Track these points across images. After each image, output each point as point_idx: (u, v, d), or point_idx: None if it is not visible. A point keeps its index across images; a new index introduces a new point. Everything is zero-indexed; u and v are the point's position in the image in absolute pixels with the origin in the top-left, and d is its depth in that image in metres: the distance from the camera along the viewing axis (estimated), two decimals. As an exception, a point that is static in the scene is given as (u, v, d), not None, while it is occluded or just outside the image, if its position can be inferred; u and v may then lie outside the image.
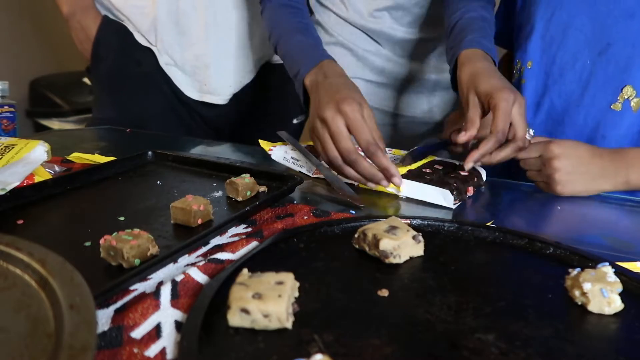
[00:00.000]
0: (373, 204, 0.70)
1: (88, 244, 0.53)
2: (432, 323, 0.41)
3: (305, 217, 0.62)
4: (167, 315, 0.42)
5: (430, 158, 0.84)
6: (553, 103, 0.87)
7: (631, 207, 0.74)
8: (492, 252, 0.55)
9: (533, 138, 0.77)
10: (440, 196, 0.69)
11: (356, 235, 0.53)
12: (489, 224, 0.61)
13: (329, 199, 0.72)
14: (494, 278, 0.50)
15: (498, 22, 0.92)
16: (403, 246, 0.50)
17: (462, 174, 0.77)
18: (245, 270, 0.43)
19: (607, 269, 0.46)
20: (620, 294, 0.44)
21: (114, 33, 1.15)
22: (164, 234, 0.56)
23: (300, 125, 1.38)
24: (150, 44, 1.14)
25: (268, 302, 0.38)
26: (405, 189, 0.72)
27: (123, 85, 1.17)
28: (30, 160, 0.74)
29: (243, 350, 0.37)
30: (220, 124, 1.25)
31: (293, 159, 0.82)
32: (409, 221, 0.59)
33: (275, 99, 1.29)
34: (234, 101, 1.21)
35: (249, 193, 0.66)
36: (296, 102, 1.33)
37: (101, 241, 0.49)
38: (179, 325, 0.41)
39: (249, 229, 0.59)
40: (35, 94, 2.62)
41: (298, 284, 0.44)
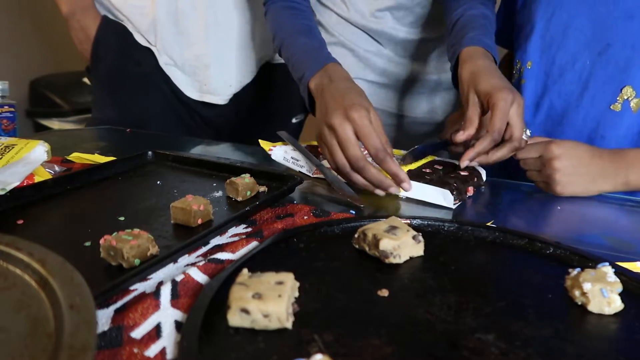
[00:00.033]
0: (373, 204, 0.70)
1: (88, 244, 0.53)
2: (432, 323, 0.41)
3: (305, 217, 0.62)
4: (167, 315, 0.42)
5: (430, 158, 0.84)
6: (552, 103, 0.87)
7: (631, 207, 0.74)
8: (492, 252, 0.55)
9: (532, 138, 0.77)
10: (440, 196, 0.69)
11: (356, 235, 0.53)
12: (489, 224, 0.61)
13: (329, 199, 0.72)
14: (494, 278, 0.50)
15: (498, 22, 0.92)
16: (403, 246, 0.50)
17: (462, 174, 0.77)
18: (245, 270, 0.43)
19: (607, 269, 0.46)
20: (620, 294, 0.44)
21: (114, 33, 1.15)
22: (164, 234, 0.56)
23: (300, 124, 1.37)
24: (150, 44, 1.14)
25: (268, 302, 0.38)
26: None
27: (122, 85, 1.17)
28: (30, 160, 0.74)
29: (243, 350, 0.37)
30: (219, 124, 1.25)
31: (293, 159, 0.82)
32: (409, 221, 0.59)
33: (274, 98, 1.29)
34: (234, 101, 1.21)
35: (249, 193, 0.66)
36: (295, 102, 1.34)
37: (101, 241, 0.49)
38: (179, 325, 0.41)
39: (249, 229, 0.59)
40: (35, 94, 2.62)
41: (298, 284, 0.44)
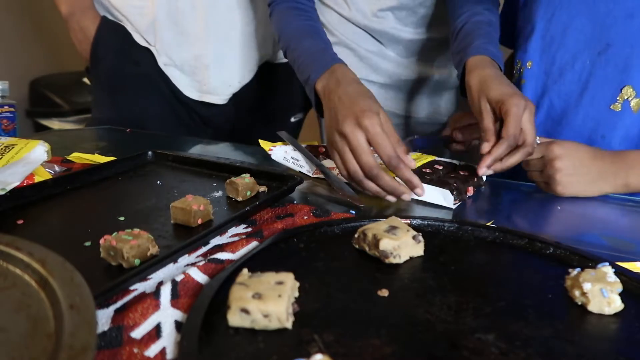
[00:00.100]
0: (373, 204, 0.70)
1: (88, 244, 0.53)
2: (432, 323, 0.41)
3: (305, 217, 0.62)
4: (167, 315, 0.42)
5: (430, 158, 0.84)
6: (552, 103, 0.87)
7: (631, 207, 0.74)
8: (492, 252, 0.55)
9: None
10: (440, 196, 0.69)
11: (356, 235, 0.53)
12: (489, 224, 0.61)
13: (329, 199, 0.72)
14: (494, 278, 0.50)
15: (502, 22, 0.92)
16: (403, 246, 0.50)
17: (462, 173, 0.77)
18: (245, 270, 0.43)
19: (607, 269, 0.46)
20: (620, 294, 0.44)
21: (113, 33, 1.15)
22: (164, 234, 0.56)
23: (299, 123, 1.37)
24: (149, 44, 1.14)
25: (268, 302, 0.38)
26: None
27: (122, 85, 1.17)
28: (30, 160, 0.74)
29: (243, 350, 0.37)
30: (219, 124, 1.24)
31: (293, 159, 0.82)
32: (409, 221, 0.59)
33: (273, 98, 1.29)
34: (233, 101, 1.21)
35: (249, 193, 0.66)
36: (295, 101, 1.34)
37: (101, 241, 0.49)
38: (179, 325, 0.41)
39: (249, 229, 0.59)
40: (35, 94, 2.62)
41: (298, 284, 0.44)
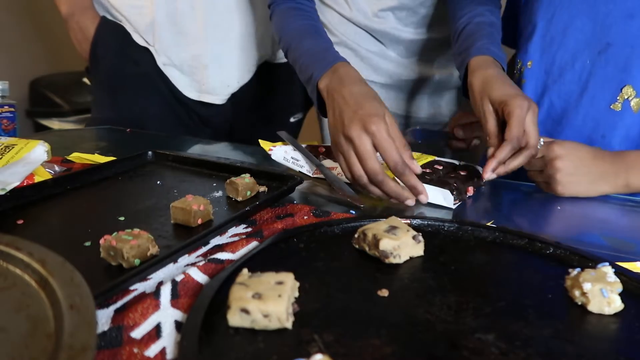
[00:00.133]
0: (373, 204, 0.70)
1: (88, 244, 0.53)
2: (432, 323, 0.41)
3: (305, 217, 0.62)
4: (167, 315, 0.42)
5: (430, 158, 0.84)
6: (552, 103, 0.87)
7: (631, 207, 0.74)
8: (492, 252, 0.55)
9: None
10: (440, 196, 0.69)
11: (356, 235, 0.53)
12: (489, 224, 0.61)
13: (329, 199, 0.72)
14: (494, 278, 0.50)
15: (504, 23, 0.92)
16: (403, 246, 0.50)
17: (462, 173, 0.77)
18: (245, 270, 0.43)
19: (607, 269, 0.46)
20: (620, 294, 0.44)
21: (112, 33, 1.15)
22: (164, 234, 0.56)
23: (298, 123, 1.37)
24: (148, 44, 1.14)
25: (268, 302, 0.38)
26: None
27: (121, 85, 1.17)
28: (30, 160, 0.74)
29: (243, 350, 0.37)
30: (218, 123, 1.24)
31: (293, 159, 0.82)
32: (409, 221, 0.59)
33: (273, 98, 1.29)
34: (232, 101, 1.21)
35: (249, 193, 0.66)
36: (294, 101, 1.34)
37: (101, 241, 0.49)
38: (179, 325, 0.41)
39: (249, 229, 0.59)
40: (35, 94, 2.62)
41: (298, 284, 0.44)
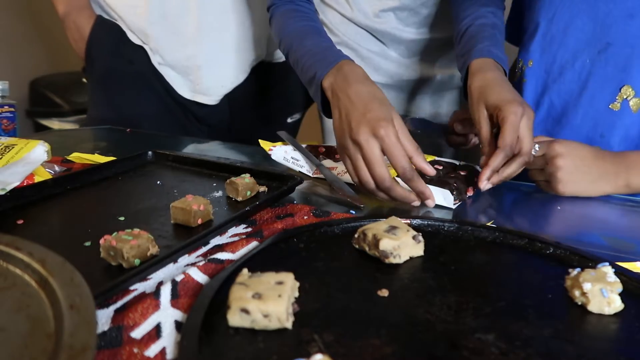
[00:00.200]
0: (373, 204, 0.70)
1: (88, 244, 0.53)
2: (432, 323, 0.41)
3: (305, 217, 0.62)
4: (167, 315, 0.42)
5: (430, 158, 0.84)
6: (553, 102, 0.87)
7: (631, 207, 0.74)
8: (492, 252, 0.55)
9: (535, 138, 0.77)
10: (440, 196, 0.69)
11: (356, 235, 0.53)
12: (489, 224, 0.61)
13: (329, 199, 0.72)
14: (494, 278, 0.50)
15: (511, 21, 0.92)
16: (403, 246, 0.50)
17: (462, 173, 0.77)
18: (245, 270, 0.43)
19: (607, 269, 0.46)
20: (620, 294, 0.44)
21: (107, 32, 1.15)
22: (164, 234, 0.56)
23: (295, 124, 1.37)
24: (143, 43, 1.14)
25: (268, 302, 0.38)
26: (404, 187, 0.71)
27: (116, 83, 1.17)
28: (30, 160, 0.74)
29: (243, 350, 0.37)
30: (213, 123, 1.24)
31: (293, 159, 0.82)
32: (409, 221, 0.59)
33: (270, 98, 1.29)
34: (228, 100, 1.21)
35: (249, 193, 0.66)
36: (291, 101, 1.33)
37: (101, 241, 0.49)
38: (179, 325, 0.41)
39: (249, 229, 0.59)
40: (35, 94, 2.62)
41: (298, 284, 0.44)
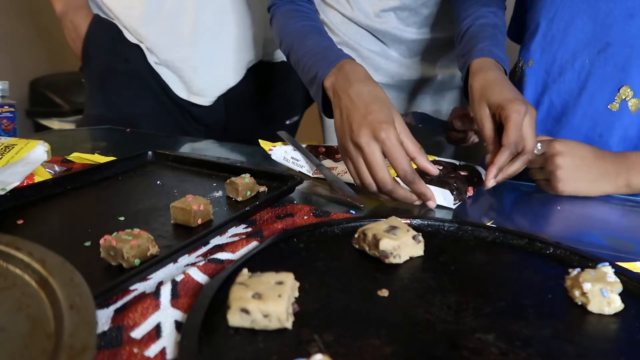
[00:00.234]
0: (373, 204, 0.70)
1: (88, 244, 0.53)
2: (432, 323, 0.41)
3: (305, 217, 0.62)
4: (167, 315, 0.42)
5: (430, 158, 0.84)
6: (552, 102, 0.87)
7: (631, 207, 0.74)
8: (492, 252, 0.55)
9: (537, 137, 0.77)
10: (440, 196, 0.69)
11: (356, 235, 0.53)
12: (489, 224, 0.61)
13: (329, 199, 0.72)
14: (494, 278, 0.50)
15: (514, 20, 0.92)
16: (403, 246, 0.50)
17: (462, 173, 0.77)
18: (245, 270, 0.43)
19: (607, 269, 0.46)
20: (620, 294, 0.44)
21: (104, 31, 1.15)
22: (164, 234, 0.56)
23: (294, 125, 1.37)
24: (139, 42, 1.14)
25: (268, 302, 0.38)
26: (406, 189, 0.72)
27: (113, 82, 1.17)
28: (30, 160, 0.74)
29: (243, 350, 0.37)
30: (210, 123, 1.25)
31: (293, 159, 0.82)
32: (409, 221, 0.59)
33: (268, 97, 1.29)
34: (223, 101, 1.21)
35: (249, 193, 0.66)
36: (289, 101, 1.33)
37: (101, 241, 0.49)
38: (179, 325, 0.41)
39: (249, 229, 0.59)
40: (35, 94, 2.62)
41: (298, 284, 0.44)
